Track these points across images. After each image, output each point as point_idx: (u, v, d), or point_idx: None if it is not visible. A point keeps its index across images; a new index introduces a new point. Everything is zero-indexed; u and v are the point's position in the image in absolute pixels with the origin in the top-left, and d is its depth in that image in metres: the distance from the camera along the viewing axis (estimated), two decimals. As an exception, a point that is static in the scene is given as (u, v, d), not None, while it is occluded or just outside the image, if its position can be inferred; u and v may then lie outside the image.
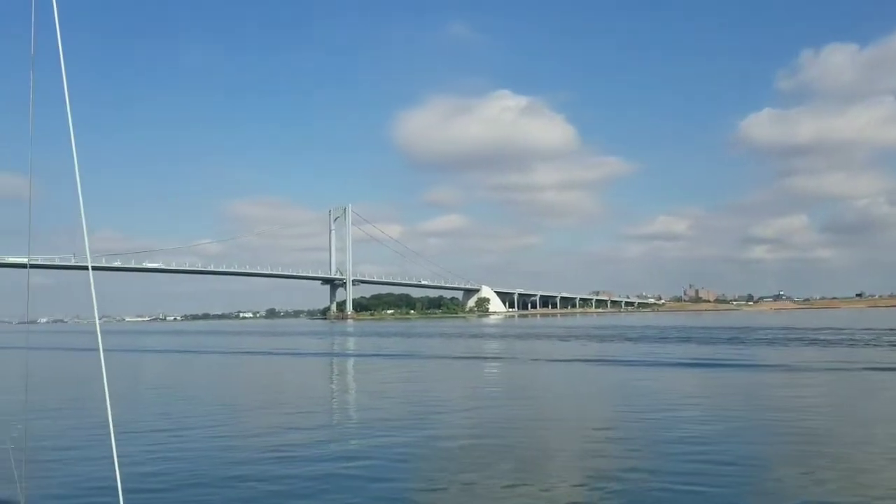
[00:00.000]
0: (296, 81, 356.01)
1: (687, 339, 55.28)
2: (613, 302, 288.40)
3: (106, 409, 2.95)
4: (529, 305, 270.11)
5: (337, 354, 52.84)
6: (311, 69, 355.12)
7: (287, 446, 14.05)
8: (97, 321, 3.19)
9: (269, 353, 50.78)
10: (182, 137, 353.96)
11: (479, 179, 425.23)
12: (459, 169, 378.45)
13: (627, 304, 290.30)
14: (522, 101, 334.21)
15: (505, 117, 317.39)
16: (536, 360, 39.16)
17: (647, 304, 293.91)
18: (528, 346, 52.26)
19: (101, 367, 2.88)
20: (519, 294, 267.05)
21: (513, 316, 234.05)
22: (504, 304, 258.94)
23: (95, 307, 3.19)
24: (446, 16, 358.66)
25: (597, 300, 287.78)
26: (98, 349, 2.86)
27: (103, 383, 2.87)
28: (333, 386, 30.43)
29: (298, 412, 19.59)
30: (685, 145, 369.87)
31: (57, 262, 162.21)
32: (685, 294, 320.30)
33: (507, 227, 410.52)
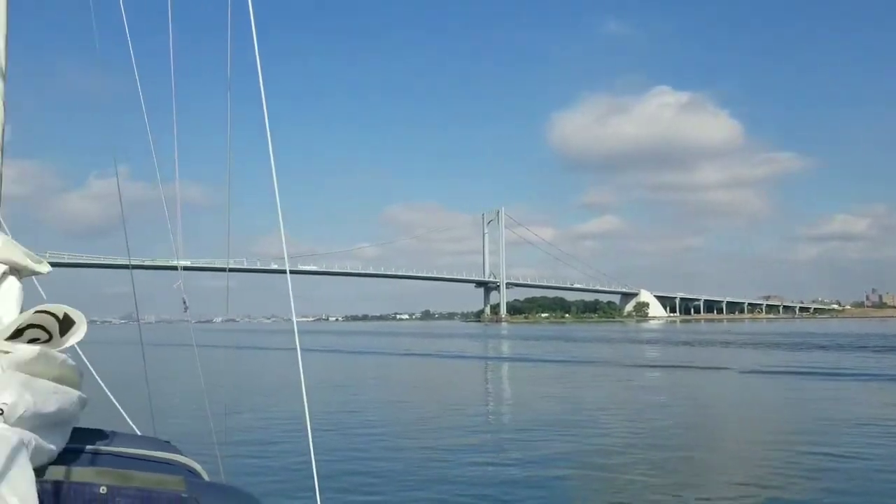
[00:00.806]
0: (450, 86, 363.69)
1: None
2: (786, 307, 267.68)
3: (302, 399, 3.04)
4: (692, 310, 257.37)
5: (494, 358, 52.79)
6: (464, 73, 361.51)
7: (457, 447, 13.85)
8: (294, 321, 3.15)
9: (429, 355, 51.67)
10: (338, 143, 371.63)
11: (636, 179, 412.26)
12: (615, 169, 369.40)
13: (802, 309, 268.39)
14: (683, 96, 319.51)
15: (664, 114, 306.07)
16: (719, 368, 35.33)
17: (824, 309, 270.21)
18: (702, 354, 49.05)
19: (297, 362, 2.91)
20: (680, 298, 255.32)
21: (674, 321, 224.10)
22: (664, 308, 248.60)
23: (293, 309, 3.16)
24: (600, 15, 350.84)
25: (767, 305, 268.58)
26: (296, 348, 2.82)
27: (300, 377, 2.92)
28: (499, 389, 30.23)
29: (475, 414, 19.50)
30: (869, 137, 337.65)
31: (245, 266, 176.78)
32: (867, 299, 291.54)
33: (666, 229, 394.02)
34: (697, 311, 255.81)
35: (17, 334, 2.09)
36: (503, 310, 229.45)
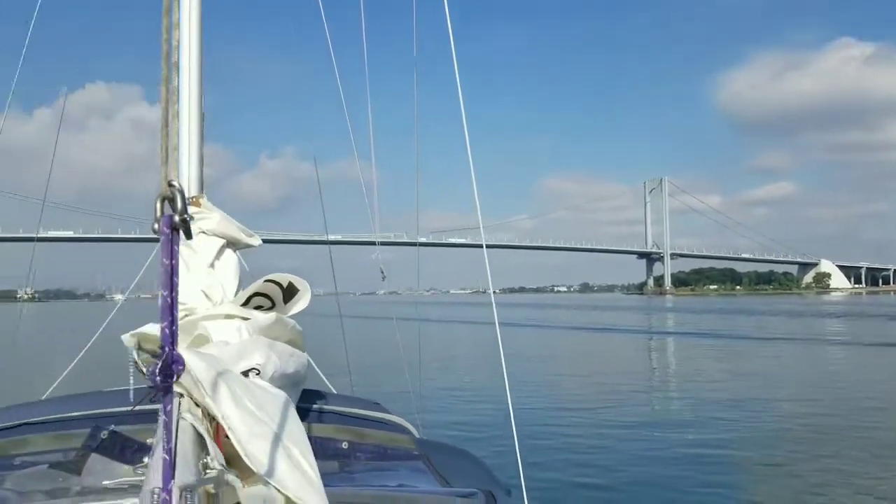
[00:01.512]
0: (604, 50, 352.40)
1: None
2: None
3: (501, 368, 2.91)
4: (880, 281, 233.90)
5: (660, 332, 50.76)
6: (619, 35, 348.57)
7: (642, 423, 13.29)
8: (492, 295, 3.07)
9: (592, 329, 50.67)
10: (491, 113, 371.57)
11: (814, 141, 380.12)
12: (790, 131, 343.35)
13: None
14: (868, 48, 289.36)
15: (846, 69, 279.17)
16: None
17: None
18: None
19: (496, 338, 2.89)
20: (867, 268, 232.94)
21: (860, 293, 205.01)
22: (848, 279, 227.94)
23: (490, 281, 3.09)
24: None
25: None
26: (494, 323, 2.79)
27: (499, 351, 2.86)
28: (673, 366, 29.00)
29: (652, 390, 18.83)
30: None
31: (393, 239, 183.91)
32: None
33: (848, 193, 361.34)
34: (886, 281, 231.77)
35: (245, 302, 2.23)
36: (667, 281, 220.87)
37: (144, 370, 1.22)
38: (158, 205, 0.85)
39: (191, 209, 2.88)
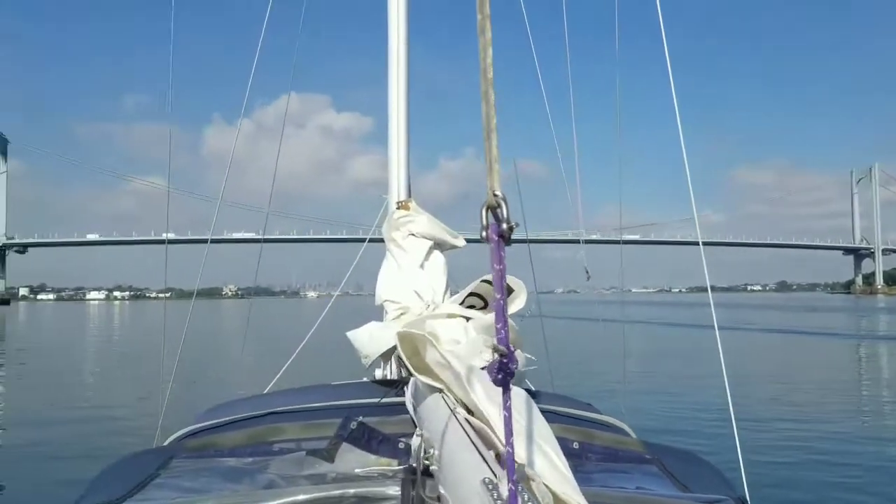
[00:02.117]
0: (788, 28, 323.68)
1: None
2: None
3: (718, 372, 3.00)
4: None
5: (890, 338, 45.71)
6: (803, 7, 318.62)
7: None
8: (710, 292, 3.06)
9: (809, 333, 46.76)
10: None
11: None
12: None
13: None
14: None
15: None
16: None
17: None
18: None
19: (716, 341, 2.88)
20: None
21: None
22: None
23: (707, 278, 3.09)
24: None
25: None
26: (713, 326, 2.85)
27: (719, 355, 2.85)
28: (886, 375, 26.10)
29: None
30: None
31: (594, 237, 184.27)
32: None
33: None
34: None
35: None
36: (879, 279, 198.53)
37: (409, 366, 1.30)
38: (484, 213, 0.90)
39: (400, 212, 3.07)
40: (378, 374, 3.17)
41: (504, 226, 0.91)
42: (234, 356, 18.80)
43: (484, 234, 0.93)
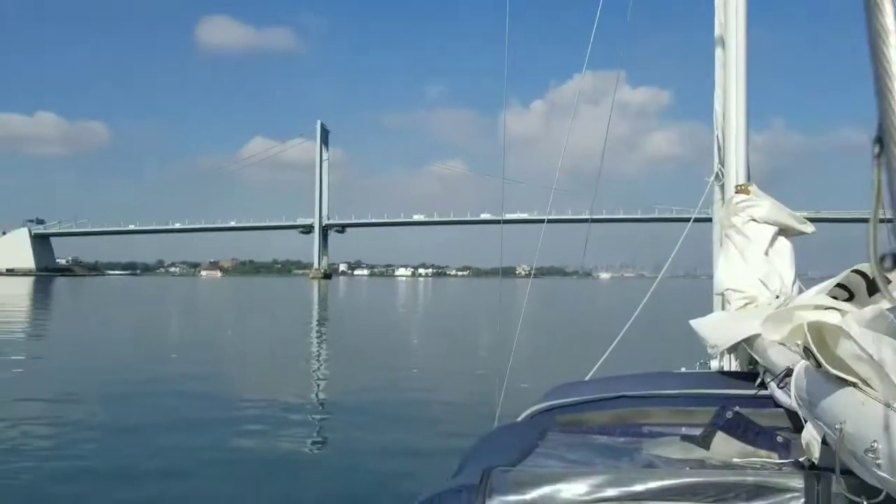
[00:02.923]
0: None
1: None
2: None
3: None
4: None
5: None
6: None
7: None
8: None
9: None
10: None
11: None
12: None
13: None
14: None
15: None
16: None
17: None
18: None
19: None
20: None
21: None
22: None
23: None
24: None
25: None
26: None
27: None
28: None
29: None
30: None
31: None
32: None
33: None
34: None
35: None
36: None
37: (820, 358, 1.25)
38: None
39: (740, 197, 2.94)
40: (714, 364, 3.07)
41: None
42: (551, 340, 19.25)
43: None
